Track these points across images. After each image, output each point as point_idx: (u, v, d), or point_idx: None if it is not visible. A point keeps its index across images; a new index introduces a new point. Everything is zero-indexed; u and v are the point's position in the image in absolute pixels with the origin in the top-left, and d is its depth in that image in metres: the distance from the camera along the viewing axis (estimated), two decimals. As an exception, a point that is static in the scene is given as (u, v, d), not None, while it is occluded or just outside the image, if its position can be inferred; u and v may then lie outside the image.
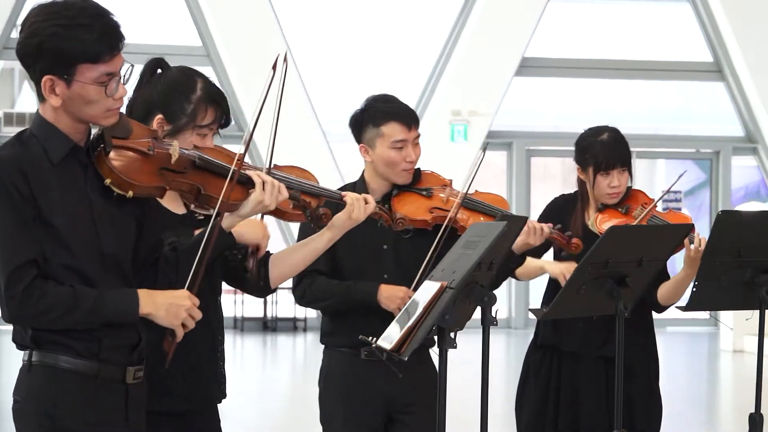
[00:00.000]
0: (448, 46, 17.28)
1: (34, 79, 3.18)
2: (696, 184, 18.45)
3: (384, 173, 4.65)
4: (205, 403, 3.82)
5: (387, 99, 4.74)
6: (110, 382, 3.23)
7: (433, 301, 3.42)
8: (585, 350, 4.94)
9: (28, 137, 3.20)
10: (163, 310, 3.23)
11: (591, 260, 4.27)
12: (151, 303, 3.22)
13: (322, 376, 4.71)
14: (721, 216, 4.63)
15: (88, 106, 3.17)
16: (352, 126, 4.75)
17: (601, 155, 4.96)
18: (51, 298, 3.10)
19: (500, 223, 3.53)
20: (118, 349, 3.24)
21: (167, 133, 3.64)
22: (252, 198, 3.46)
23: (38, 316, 3.11)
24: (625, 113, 18.12)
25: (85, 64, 3.13)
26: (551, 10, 17.31)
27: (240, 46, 16.13)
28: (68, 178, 3.19)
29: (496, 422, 4.96)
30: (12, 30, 16.46)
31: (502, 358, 14.25)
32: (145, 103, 3.70)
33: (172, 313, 3.24)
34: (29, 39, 3.13)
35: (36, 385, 3.18)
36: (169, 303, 3.24)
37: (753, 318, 4.68)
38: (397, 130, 4.63)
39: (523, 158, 17.50)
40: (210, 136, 3.71)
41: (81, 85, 3.14)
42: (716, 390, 12.78)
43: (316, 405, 4.73)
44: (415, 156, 4.64)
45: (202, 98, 3.68)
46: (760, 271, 4.58)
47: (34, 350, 3.19)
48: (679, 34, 18.25)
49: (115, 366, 3.24)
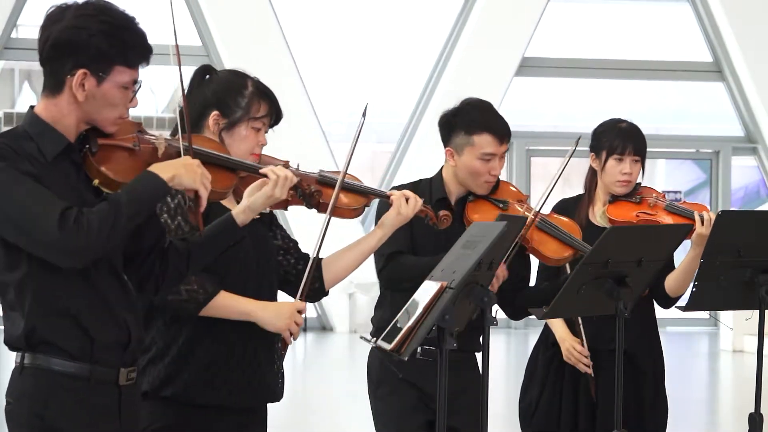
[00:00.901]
0: (448, 46, 17.27)
1: (56, 70, 3.19)
2: (696, 184, 18.45)
3: (464, 181, 4.62)
4: (261, 398, 3.85)
5: (484, 107, 4.66)
6: (103, 384, 3.22)
7: (433, 301, 3.43)
8: (599, 344, 4.91)
9: (20, 133, 3.21)
10: (182, 168, 3.24)
11: (591, 260, 4.27)
12: (166, 167, 3.23)
13: (374, 372, 4.69)
14: (721, 216, 4.63)
15: (108, 108, 3.22)
16: (442, 126, 4.67)
17: (617, 139, 4.96)
18: (95, 215, 3.10)
19: (500, 223, 3.53)
20: (111, 350, 3.23)
21: (223, 127, 3.81)
22: (264, 191, 3.55)
23: (96, 239, 3.09)
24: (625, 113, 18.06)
25: (121, 67, 3.21)
26: (551, 10, 17.31)
27: (240, 46, 16.12)
28: (61, 176, 3.20)
29: (497, 422, 4.96)
30: (12, 30, 16.46)
31: (502, 358, 14.26)
32: (198, 104, 3.84)
33: (191, 171, 3.24)
34: (78, 30, 3.16)
35: (28, 387, 3.18)
36: (182, 163, 3.26)
37: (753, 318, 4.68)
38: (489, 142, 4.57)
39: (523, 158, 17.50)
40: (263, 131, 3.85)
41: (110, 86, 3.20)
42: (716, 390, 12.78)
43: (316, 404, 4.75)
44: (500, 169, 4.60)
45: (254, 93, 3.84)
46: (760, 271, 4.58)
47: (27, 352, 3.18)
48: (679, 34, 18.25)
49: (107, 368, 3.23)
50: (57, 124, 3.21)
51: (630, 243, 4.35)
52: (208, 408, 3.74)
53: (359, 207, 3.94)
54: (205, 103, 3.84)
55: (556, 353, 4.99)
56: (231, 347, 3.76)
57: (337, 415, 10.12)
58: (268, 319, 3.73)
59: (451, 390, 4.41)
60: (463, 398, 4.48)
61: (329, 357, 15.09)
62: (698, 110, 19.20)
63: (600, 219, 4.96)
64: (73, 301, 3.18)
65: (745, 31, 17.26)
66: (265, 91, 3.88)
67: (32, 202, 3.08)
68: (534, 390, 5.02)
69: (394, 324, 3.52)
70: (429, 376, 4.10)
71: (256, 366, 3.81)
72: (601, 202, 5.03)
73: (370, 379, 4.70)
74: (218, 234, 3.49)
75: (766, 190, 18.45)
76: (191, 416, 3.74)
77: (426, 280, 3.54)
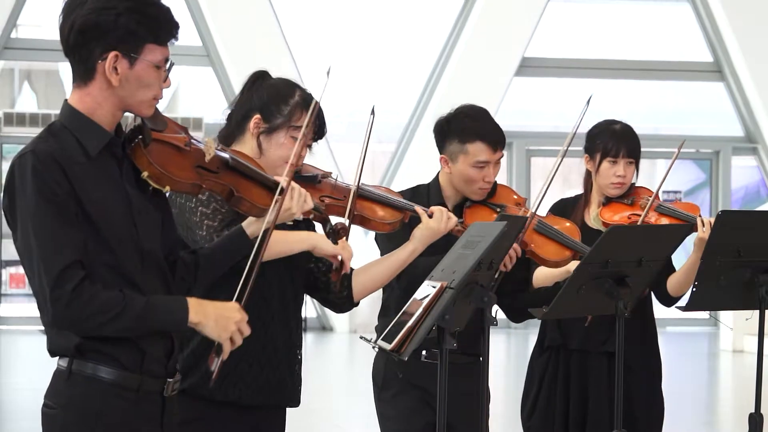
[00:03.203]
0: (448, 46, 17.27)
1: (86, 57, 3.05)
2: (696, 184, 18.46)
3: (459, 187, 4.62)
4: (278, 399, 3.85)
5: (477, 116, 4.64)
6: (150, 395, 3.14)
7: (433, 301, 3.43)
8: (590, 346, 4.92)
9: (59, 129, 3.08)
10: (212, 320, 3.09)
11: (591, 260, 4.27)
12: (202, 312, 3.09)
13: (379, 375, 4.68)
14: (721, 216, 4.63)
15: (142, 90, 3.08)
16: (437, 133, 4.66)
17: (611, 141, 4.96)
18: (100, 300, 2.97)
19: (500, 223, 3.53)
20: (159, 361, 3.15)
21: (262, 131, 3.81)
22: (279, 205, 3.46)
23: (86, 320, 2.97)
24: (625, 113, 18.09)
25: (151, 45, 3.07)
26: (551, 10, 17.31)
27: (240, 46, 16.12)
28: (104, 172, 3.07)
29: (497, 422, 4.96)
30: (12, 30, 16.46)
31: (502, 358, 14.26)
32: (245, 107, 3.85)
33: (222, 325, 3.10)
34: (104, 11, 3.02)
35: (77, 395, 3.06)
36: (219, 314, 3.11)
37: (753, 318, 4.68)
38: (482, 150, 4.55)
39: (523, 158, 17.50)
40: (303, 144, 3.80)
41: (143, 66, 3.06)
42: (716, 390, 12.78)
43: (315, 404, 4.74)
44: (494, 176, 4.59)
45: (299, 103, 3.85)
46: (760, 271, 4.58)
47: (76, 358, 3.06)
48: (679, 34, 18.25)
49: (155, 378, 3.15)
50: (94, 115, 3.07)
51: (630, 243, 4.35)
52: (225, 404, 3.74)
53: (395, 221, 3.95)
54: (251, 106, 3.84)
55: (550, 357, 5.01)
56: (251, 344, 3.75)
57: (337, 415, 10.12)
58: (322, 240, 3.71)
59: (460, 393, 4.42)
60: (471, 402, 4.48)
61: (329, 357, 15.09)
62: (698, 110, 19.21)
63: (594, 222, 4.96)
64: None
65: (745, 31, 17.27)
66: (311, 102, 3.82)
67: (41, 242, 2.96)
68: (531, 394, 5.03)
69: (394, 324, 3.52)
70: (435, 378, 4.13)
71: (275, 366, 3.81)
72: (596, 203, 5.03)
73: (375, 382, 4.70)
74: (228, 246, 3.38)
75: (766, 190, 18.46)
76: (208, 411, 3.73)
77: (426, 280, 3.55)
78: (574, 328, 4.92)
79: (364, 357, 4.87)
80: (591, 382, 4.93)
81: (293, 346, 3.88)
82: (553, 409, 4.97)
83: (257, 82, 3.90)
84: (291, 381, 3.87)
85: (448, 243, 4.21)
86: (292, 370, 3.88)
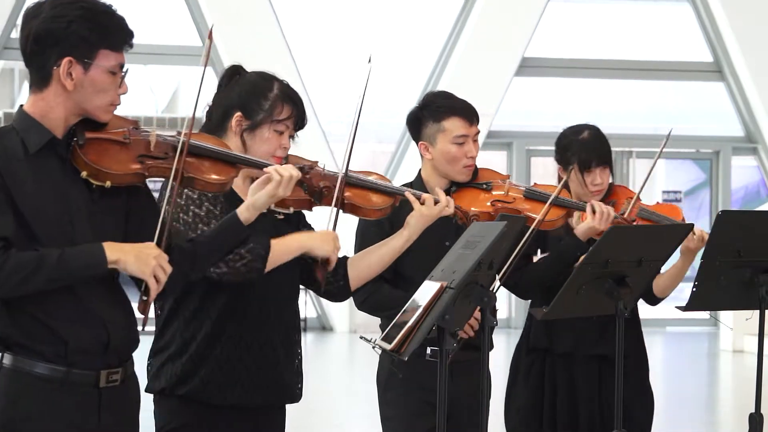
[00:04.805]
0: (448, 46, 17.27)
1: (42, 64, 3.21)
2: (696, 184, 18.45)
3: (444, 170, 4.65)
4: (278, 397, 3.86)
5: (446, 95, 4.75)
6: (81, 386, 3.20)
7: (433, 301, 3.42)
8: (579, 350, 4.93)
9: (8, 130, 3.23)
10: (132, 256, 3.17)
11: (590, 260, 4.27)
12: (119, 249, 3.17)
13: (383, 377, 4.68)
14: (721, 216, 4.63)
15: (98, 95, 3.22)
16: (411, 123, 4.72)
17: (582, 153, 4.96)
18: (16, 259, 3.08)
19: (500, 223, 3.53)
20: (88, 352, 3.21)
21: (245, 128, 3.81)
22: (267, 190, 3.53)
23: (7, 280, 3.07)
24: (625, 113, 18.11)
25: (105, 51, 3.21)
26: (551, 10, 17.31)
27: (240, 46, 16.12)
28: (43, 170, 3.20)
29: (497, 421, 4.96)
30: (12, 30, 16.46)
31: (502, 357, 14.25)
32: (223, 104, 3.86)
33: (142, 260, 3.17)
34: (56, 19, 3.17)
35: (2, 387, 3.16)
36: (137, 250, 3.19)
37: (753, 318, 4.68)
38: (459, 125, 4.63)
39: (523, 158, 17.50)
40: (286, 134, 3.87)
41: (98, 72, 3.20)
42: (716, 390, 12.77)
43: (315, 404, 4.74)
44: (476, 152, 4.64)
45: (278, 96, 3.86)
46: (760, 271, 4.58)
47: (4, 352, 3.17)
48: (679, 34, 18.25)
49: (86, 370, 3.20)
50: (44, 118, 3.22)
51: (630, 243, 4.35)
52: (225, 407, 3.74)
53: (385, 207, 3.94)
54: (230, 104, 3.85)
55: (535, 359, 5.00)
56: (248, 345, 3.77)
57: (337, 415, 10.13)
58: (317, 241, 3.76)
59: (463, 394, 4.41)
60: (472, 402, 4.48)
61: (329, 357, 15.09)
62: (698, 110, 19.20)
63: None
64: (42, 302, 3.15)
65: (745, 31, 17.26)
66: (290, 94, 3.89)
67: None
68: (517, 395, 5.03)
69: (395, 324, 3.52)
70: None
71: (275, 364, 3.82)
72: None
73: (379, 383, 4.69)
74: (223, 232, 3.50)
75: (766, 190, 18.45)
76: (208, 415, 3.74)
77: (426, 280, 3.55)
78: (563, 331, 4.92)
79: (364, 357, 4.87)
80: (580, 385, 4.94)
81: (292, 342, 3.88)
82: (540, 411, 4.98)
83: (234, 78, 3.91)
84: (291, 378, 3.87)
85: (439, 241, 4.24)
86: (291, 367, 3.87)
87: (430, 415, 4.50)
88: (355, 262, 4.02)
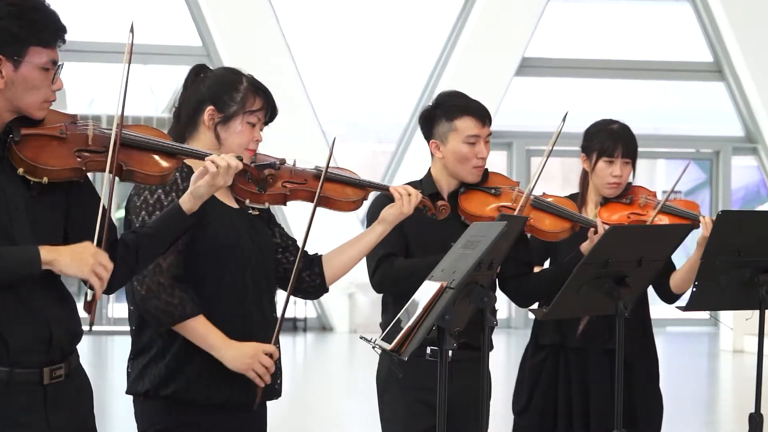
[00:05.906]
0: (448, 46, 17.28)
1: None
2: (696, 184, 18.45)
3: (454, 170, 4.65)
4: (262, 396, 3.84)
5: (460, 95, 4.76)
6: (25, 385, 3.17)
7: (433, 301, 3.42)
8: (591, 345, 4.92)
9: None
10: (67, 256, 3.11)
11: (591, 260, 4.27)
12: (54, 250, 3.12)
13: (381, 377, 4.68)
14: (721, 216, 4.63)
15: (30, 92, 3.19)
16: (423, 121, 4.73)
17: (608, 141, 4.98)
18: None
19: (500, 223, 3.53)
20: (31, 351, 3.17)
21: (218, 122, 3.82)
22: (206, 179, 3.44)
23: None
24: (625, 113, 18.05)
25: (35, 47, 3.17)
26: (551, 10, 17.31)
27: (240, 46, 16.12)
28: None
29: (497, 421, 4.96)
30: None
31: (502, 357, 14.26)
32: (193, 100, 3.86)
33: (78, 258, 3.12)
34: None
35: None
36: (72, 249, 3.14)
37: (753, 318, 4.68)
38: (471, 124, 4.64)
39: (523, 158, 17.51)
40: (258, 127, 3.87)
41: (29, 69, 3.17)
42: (716, 390, 12.78)
43: (315, 405, 4.75)
44: (486, 153, 4.65)
45: (249, 88, 3.86)
46: (760, 271, 4.58)
47: None
48: (679, 34, 18.25)
49: (29, 369, 3.17)
50: None
51: (630, 243, 4.35)
52: (208, 406, 3.74)
53: (357, 199, 3.95)
54: (201, 98, 3.85)
55: (548, 355, 4.99)
56: None
57: (337, 415, 10.13)
58: (229, 359, 3.71)
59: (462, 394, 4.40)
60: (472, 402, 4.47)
61: (329, 357, 15.09)
62: (698, 110, 19.20)
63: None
64: None
65: (745, 31, 17.27)
66: (260, 86, 3.89)
67: None
68: (525, 392, 5.02)
69: (395, 324, 3.52)
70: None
71: None
72: (593, 203, 5.04)
73: (379, 384, 4.69)
74: (167, 223, 3.42)
75: (766, 190, 18.46)
76: (191, 416, 3.74)
77: (426, 280, 3.54)
78: (574, 326, 4.92)
79: (364, 357, 4.87)
80: (592, 380, 4.93)
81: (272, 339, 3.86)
82: (553, 408, 4.96)
83: (199, 76, 3.91)
84: (272, 376, 3.85)
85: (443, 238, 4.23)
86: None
87: (429, 415, 4.51)
88: (330, 260, 4.04)
